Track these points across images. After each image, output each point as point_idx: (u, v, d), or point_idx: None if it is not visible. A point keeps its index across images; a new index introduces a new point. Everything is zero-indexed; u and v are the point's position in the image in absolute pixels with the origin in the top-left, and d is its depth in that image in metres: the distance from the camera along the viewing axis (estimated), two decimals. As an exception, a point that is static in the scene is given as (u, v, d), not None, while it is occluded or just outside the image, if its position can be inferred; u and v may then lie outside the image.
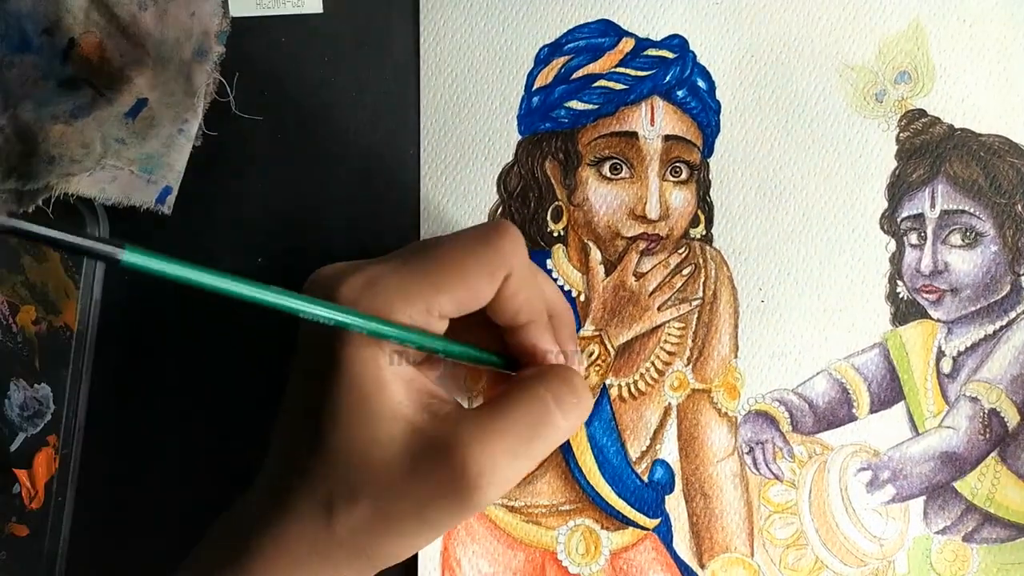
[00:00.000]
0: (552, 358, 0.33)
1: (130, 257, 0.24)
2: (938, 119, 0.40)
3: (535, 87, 0.42)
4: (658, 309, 0.41)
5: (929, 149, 0.40)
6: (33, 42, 0.40)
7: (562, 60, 0.42)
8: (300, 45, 0.42)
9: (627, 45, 0.41)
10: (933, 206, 0.40)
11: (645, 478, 0.40)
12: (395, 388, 0.30)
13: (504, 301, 0.32)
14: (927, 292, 0.40)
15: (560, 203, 0.41)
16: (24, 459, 0.40)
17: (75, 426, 0.41)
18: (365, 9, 0.42)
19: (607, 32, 0.41)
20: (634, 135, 0.41)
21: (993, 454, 0.39)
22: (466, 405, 0.37)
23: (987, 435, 0.39)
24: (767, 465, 0.40)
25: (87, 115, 0.39)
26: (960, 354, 0.40)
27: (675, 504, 0.40)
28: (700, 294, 0.41)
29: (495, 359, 0.34)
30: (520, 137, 0.41)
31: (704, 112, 0.41)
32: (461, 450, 0.29)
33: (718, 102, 0.41)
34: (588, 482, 0.40)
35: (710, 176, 0.41)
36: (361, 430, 0.30)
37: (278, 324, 0.41)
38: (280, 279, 0.32)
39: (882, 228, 0.40)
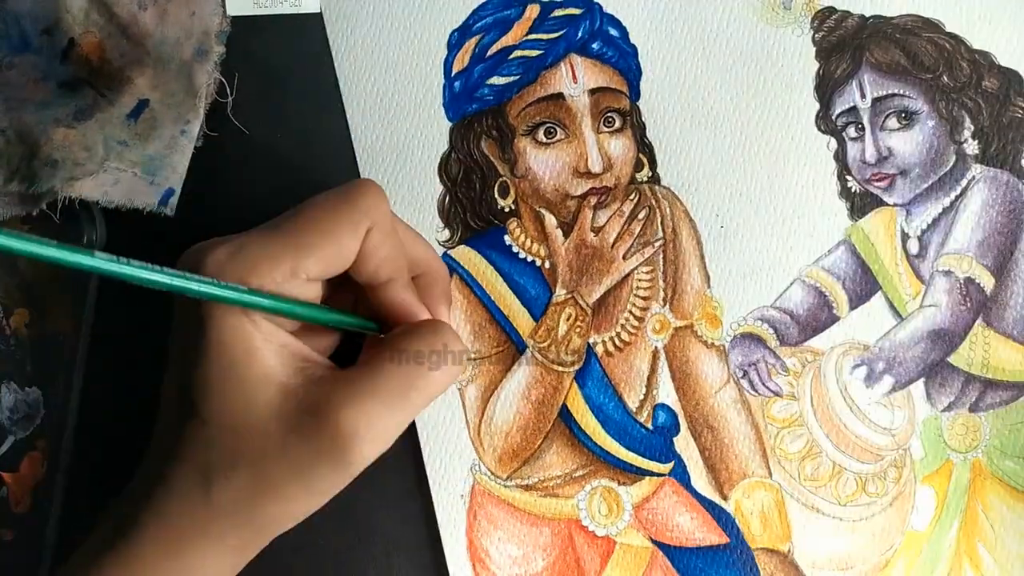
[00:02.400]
0: (420, 316, 0.34)
1: None
2: (848, 12, 0.41)
3: (454, 72, 0.42)
4: (623, 258, 0.41)
5: (846, 43, 0.41)
6: (33, 42, 0.40)
7: (474, 40, 0.42)
8: (298, 44, 0.42)
9: (533, 12, 0.42)
10: (863, 96, 0.40)
11: (649, 425, 0.40)
12: (266, 353, 0.31)
13: (365, 257, 0.32)
14: (877, 180, 0.40)
15: (504, 178, 0.41)
16: (12, 462, 0.40)
17: (65, 431, 0.40)
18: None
19: (511, 3, 0.42)
20: (560, 96, 0.41)
21: (978, 321, 0.40)
22: None
23: (968, 304, 0.40)
24: (764, 384, 0.40)
25: (89, 117, 0.38)
26: (923, 232, 0.40)
27: (684, 444, 0.40)
28: (660, 234, 0.41)
29: (368, 323, 0.34)
30: (450, 124, 0.42)
31: (623, 58, 0.41)
32: (334, 411, 0.30)
33: (633, 46, 0.41)
34: (595, 442, 0.40)
35: (643, 118, 0.41)
36: (233, 398, 0.30)
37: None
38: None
39: (819, 128, 0.41)
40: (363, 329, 0.34)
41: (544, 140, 0.41)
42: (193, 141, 0.40)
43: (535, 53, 0.41)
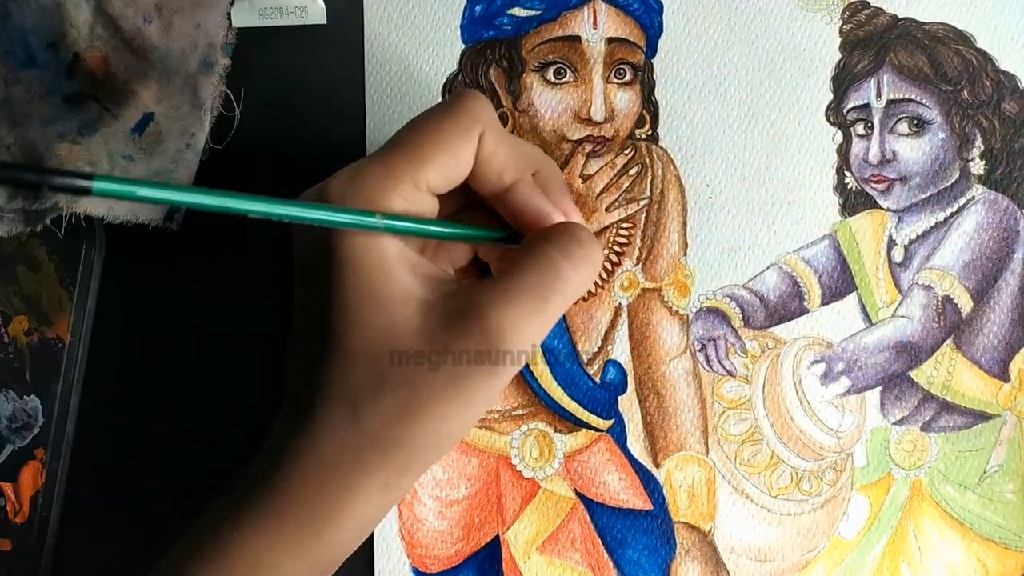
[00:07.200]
0: (553, 217, 0.33)
1: (100, 185, 0.25)
2: (881, 10, 0.40)
3: (477, -4, 0.41)
4: (606, 210, 0.40)
5: (873, 40, 0.40)
6: (38, 57, 0.40)
7: (503, -32, 0.41)
8: (304, 56, 0.41)
9: (568, -50, 0.41)
10: (879, 96, 0.40)
11: (597, 379, 0.40)
12: (401, 272, 0.30)
13: (484, 164, 0.32)
14: (876, 182, 0.40)
15: (505, 109, 0.41)
16: (10, 472, 0.40)
17: (63, 440, 0.40)
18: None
19: (548, -61, 0.41)
20: (577, 39, 0.41)
21: (948, 342, 0.39)
22: None
23: (941, 323, 0.39)
24: (720, 361, 0.39)
25: (94, 132, 0.38)
26: (911, 242, 0.39)
27: (628, 404, 0.40)
28: (648, 193, 0.40)
29: (497, 233, 0.34)
30: (464, 46, 0.41)
31: (646, 13, 0.41)
32: (480, 316, 0.29)
33: (660, 2, 0.41)
34: (540, 386, 0.40)
35: (654, 76, 0.41)
36: (374, 321, 0.29)
37: (273, 339, 0.41)
38: (291, 291, 0.32)
39: (828, 120, 0.40)
40: (493, 241, 0.34)
41: (552, 80, 0.41)
42: (199, 155, 0.39)
43: (561, -8, 0.41)
